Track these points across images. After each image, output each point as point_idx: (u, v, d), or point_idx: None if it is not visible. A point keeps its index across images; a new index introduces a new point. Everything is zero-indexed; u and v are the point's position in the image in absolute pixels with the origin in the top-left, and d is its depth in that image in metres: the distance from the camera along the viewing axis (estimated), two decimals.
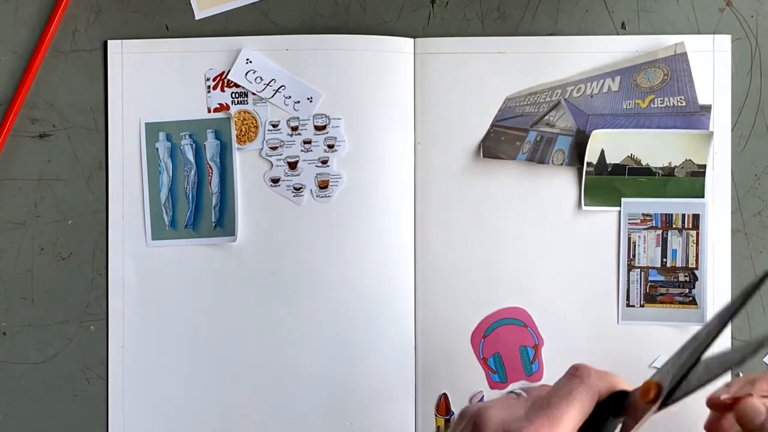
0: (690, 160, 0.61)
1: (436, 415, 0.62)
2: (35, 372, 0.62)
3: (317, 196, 0.62)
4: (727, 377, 0.42)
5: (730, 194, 0.61)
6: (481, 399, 0.61)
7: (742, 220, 0.61)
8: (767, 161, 0.62)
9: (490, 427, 0.44)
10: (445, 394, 0.62)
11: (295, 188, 0.62)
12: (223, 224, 0.62)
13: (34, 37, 0.62)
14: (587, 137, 0.60)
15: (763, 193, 0.62)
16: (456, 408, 0.62)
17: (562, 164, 0.61)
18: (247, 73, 0.62)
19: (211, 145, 0.62)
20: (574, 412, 0.43)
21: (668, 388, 0.42)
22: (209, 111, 0.62)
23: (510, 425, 0.43)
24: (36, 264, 0.62)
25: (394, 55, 0.61)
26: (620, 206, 0.61)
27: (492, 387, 0.62)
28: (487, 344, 0.62)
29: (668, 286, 0.61)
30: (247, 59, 0.61)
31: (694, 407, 0.48)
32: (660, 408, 0.42)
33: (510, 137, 0.61)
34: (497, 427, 0.43)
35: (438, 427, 0.62)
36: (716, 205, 0.61)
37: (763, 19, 0.62)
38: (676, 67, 0.61)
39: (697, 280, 0.61)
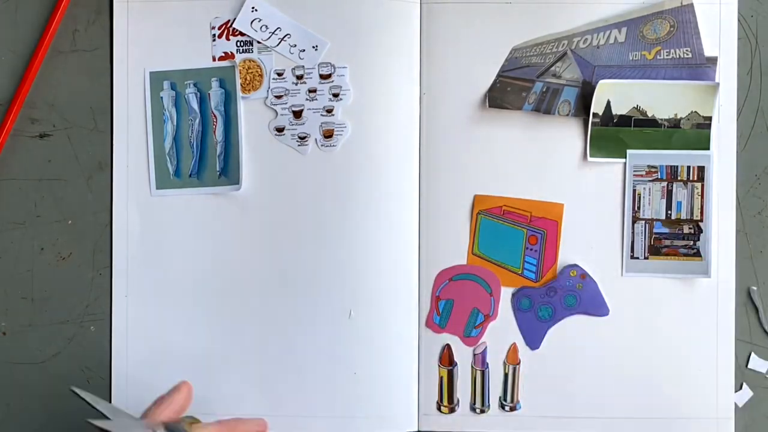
0: (696, 111, 0.61)
1: (439, 366, 0.62)
2: (35, 372, 0.62)
3: (322, 145, 0.61)
4: None
5: (735, 147, 0.61)
6: (484, 351, 0.61)
7: (742, 219, 0.61)
8: (767, 161, 0.62)
9: None
10: (448, 345, 0.62)
11: (299, 137, 0.62)
12: (228, 173, 0.62)
13: (34, 37, 0.62)
14: (593, 88, 0.60)
15: (763, 193, 0.62)
16: (459, 358, 0.62)
17: (567, 115, 0.61)
18: (252, 22, 0.61)
19: (215, 94, 0.62)
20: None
21: None
22: (214, 60, 0.62)
23: None
24: (36, 264, 0.62)
25: (400, 4, 0.61)
26: (625, 158, 0.61)
27: (428, 325, 0.62)
28: (448, 288, 0.61)
29: (673, 238, 0.61)
30: (253, 7, 0.61)
31: None
32: None
33: (516, 88, 0.61)
34: None
35: (441, 378, 0.61)
36: (721, 158, 0.61)
37: (763, 19, 0.62)
38: (683, 18, 0.61)
39: (701, 232, 0.61)
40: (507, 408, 0.61)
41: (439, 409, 0.62)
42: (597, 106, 0.61)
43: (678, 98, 0.61)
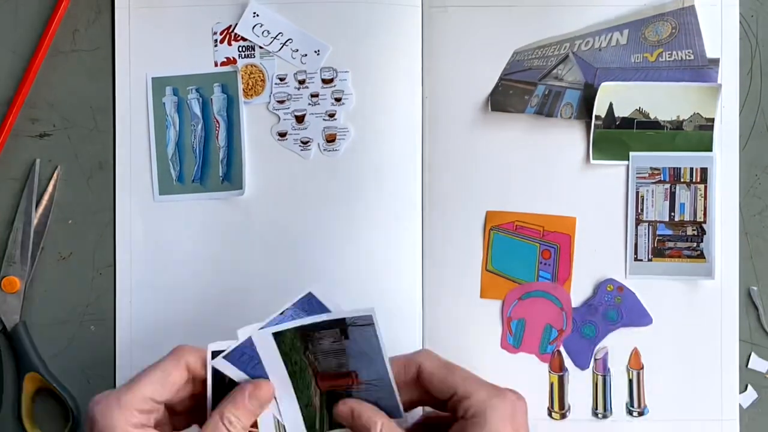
0: (698, 113, 0.61)
1: (549, 372, 0.62)
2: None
3: (324, 149, 0.61)
4: None
5: (738, 148, 0.61)
6: (605, 355, 0.61)
7: (743, 220, 0.61)
8: (767, 161, 0.62)
9: (89, 409, 0.49)
10: (558, 351, 0.61)
11: (302, 142, 0.62)
12: (231, 178, 0.62)
13: (34, 37, 0.62)
14: (595, 91, 0.60)
15: (763, 193, 0.62)
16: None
17: (570, 118, 0.61)
18: (254, 27, 0.61)
19: (217, 99, 0.62)
20: (153, 375, 0.50)
21: None
22: (216, 65, 0.62)
23: (101, 400, 0.49)
24: (36, 264, 0.62)
25: (401, 8, 0.61)
26: (628, 160, 0.61)
27: (503, 347, 0.62)
28: (518, 308, 0.61)
29: (676, 240, 0.61)
30: (255, 13, 0.61)
31: None
32: None
33: (518, 91, 0.61)
34: (92, 405, 0.49)
35: (551, 384, 0.61)
36: (724, 159, 0.61)
37: (763, 19, 0.62)
38: (684, 20, 0.61)
39: (704, 233, 0.61)
40: (635, 413, 0.62)
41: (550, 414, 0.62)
42: (599, 109, 0.61)
43: (680, 100, 0.61)
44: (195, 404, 0.52)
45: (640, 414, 0.61)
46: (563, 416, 0.62)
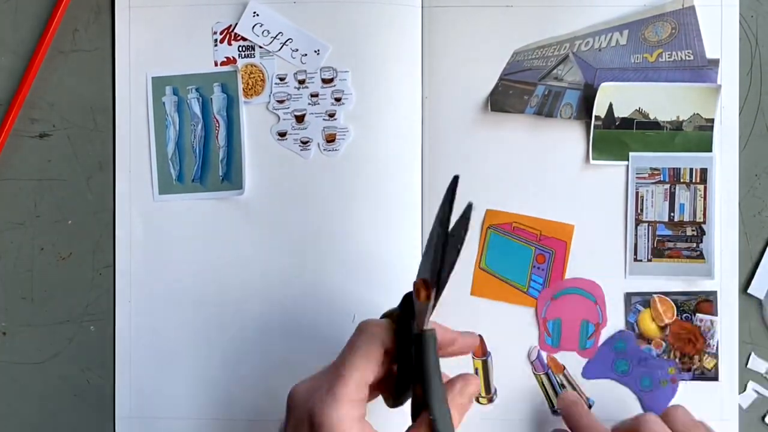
0: (698, 114, 0.61)
1: (472, 357, 0.62)
2: (35, 372, 0.62)
3: (324, 149, 0.61)
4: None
5: (737, 148, 0.61)
6: (538, 354, 0.61)
7: (742, 220, 0.61)
8: (767, 161, 0.62)
9: (297, 406, 0.47)
10: (480, 336, 0.61)
11: (302, 142, 0.62)
12: (231, 178, 0.62)
13: (34, 37, 0.62)
14: (595, 91, 0.60)
15: (763, 193, 0.62)
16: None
17: (570, 118, 0.61)
18: (254, 27, 0.61)
19: (217, 99, 0.62)
20: (358, 361, 0.47)
21: (434, 282, 0.45)
22: (216, 64, 0.62)
23: (312, 396, 0.47)
24: (36, 264, 0.62)
25: (401, 7, 0.61)
26: (628, 160, 0.61)
27: (542, 348, 0.62)
28: (552, 307, 0.61)
29: (676, 240, 0.61)
30: (254, 12, 0.61)
31: None
32: (436, 301, 0.46)
33: (518, 91, 0.61)
34: (303, 402, 0.47)
35: (475, 369, 0.61)
36: (724, 159, 0.61)
37: (763, 19, 0.62)
38: (684, 20, 0.61)
39: (704, 234, 0.61)
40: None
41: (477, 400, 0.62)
42: (599, 109, 0.61)
43: (680, 100, 0.61)
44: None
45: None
46: (490, 400, 0.62)
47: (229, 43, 0.62)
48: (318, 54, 0.61)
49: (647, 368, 0.61)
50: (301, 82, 0.61)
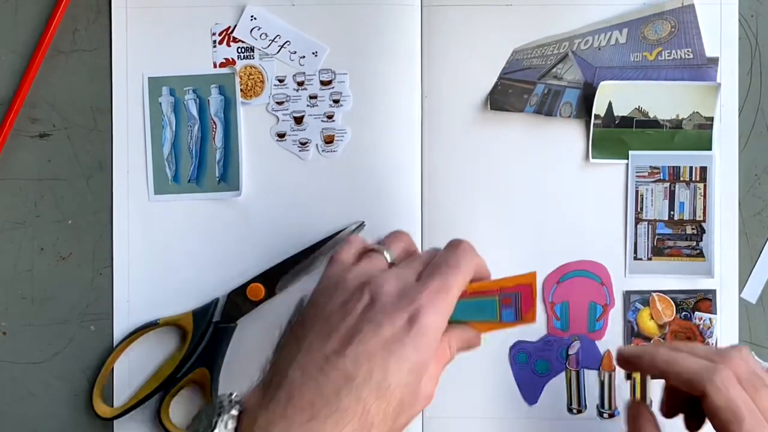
0: (697, 112, 0.61)
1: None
2: (35, 372, 0.62)
3: (323, 150, 0.61)
4: None
5: (737, 147, 0.61)
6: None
7: (742, 220, 0.61)
8: (767, 161, 0.62)
9: (383, 296, 0.45)
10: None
11: (300, 143, 0.61)
12: (228, 179, 0.61)
13: (34, 37, 0.62)
14: (595, 90, 0.60)
15: (763, 193, 0.62)
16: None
17: (569, 117, 0.61)
18: (252, 30, 0.61)
19: (214, 101, 0.62)
20: (461, 281, 0.46)
21: None
22: (215, 66, 0.61)
23: (405, 292, 0.45)
24: (36, 264, 0.62)
25: (399, 7, 0.61)
26: (628, 159, 0.61)
27: (551, 332, 0.62)
28: (558, 291, 0.61)
29: (675, 239, 0.61)
30: (252, 16, 0.61)
31: None
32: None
33: (517, 90, 0.61)
34: (391, 296, 0.45)
35: (633, 379, 0.60)
36: (723, 158, 0.61)
37: (763, 19, 0.62)
38: (684, 19, 0.61)
39: (704, 232, 0.61)
40: (606, 415, 0.61)
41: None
42: (599, 108, 0.61)
43: (679, 99, 0.61)
44: None
45: (611, 416, 0.61)
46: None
47: (228, 45, 0.61)
48: (316, 56, 0.61)
49: None
50: (300, 83, 0.61)
